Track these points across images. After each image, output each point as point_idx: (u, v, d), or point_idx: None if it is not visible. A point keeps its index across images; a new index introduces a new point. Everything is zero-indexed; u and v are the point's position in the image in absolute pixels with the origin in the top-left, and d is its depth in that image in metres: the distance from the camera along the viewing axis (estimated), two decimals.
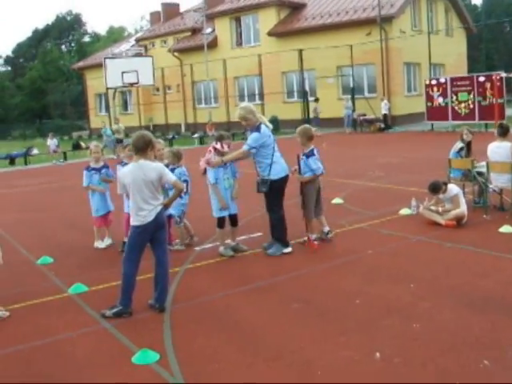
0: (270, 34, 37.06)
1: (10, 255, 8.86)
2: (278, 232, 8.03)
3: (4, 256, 6.90)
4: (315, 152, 8.31)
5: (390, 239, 8.44)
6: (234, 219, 8.12)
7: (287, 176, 7.94)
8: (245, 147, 7.81)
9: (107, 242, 9.09)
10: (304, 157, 8.26)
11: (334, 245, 8.31)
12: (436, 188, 9.01)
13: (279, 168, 7.84)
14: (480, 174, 9.74)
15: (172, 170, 8.45)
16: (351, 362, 4.64)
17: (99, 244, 9.05)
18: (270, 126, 8.00)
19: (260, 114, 8.00)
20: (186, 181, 8.57)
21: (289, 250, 7.98)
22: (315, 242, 8.18)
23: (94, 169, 9.17)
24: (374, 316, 5.57)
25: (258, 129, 7.79)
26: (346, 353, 4.80)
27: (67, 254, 8.86)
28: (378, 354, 4.69)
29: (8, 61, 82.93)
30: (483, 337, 4.95)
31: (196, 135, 33.90)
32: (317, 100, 32.21)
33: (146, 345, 5.09)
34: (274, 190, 7.84)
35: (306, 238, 8.31)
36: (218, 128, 32.89)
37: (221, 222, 8.00)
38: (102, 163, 9.29)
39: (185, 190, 8.52)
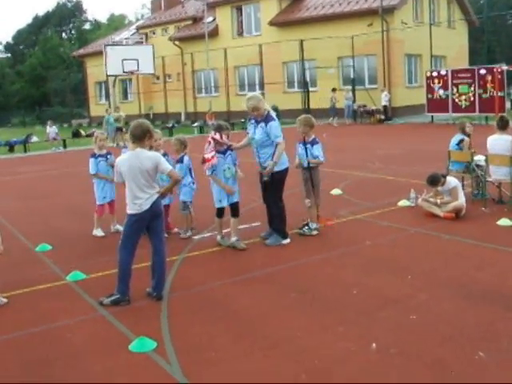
0: (271, 23, 36.92)
1: (9, 242, 8.85)
2: (278, 223, 8.04)
3: (3, 243, 6.91)
4: (318, 140, 8.35)
5: (389, 231, 8.44)
6: (235, 207, 7.94)
7: (288, 168, 7.93)
8: (279, 140, 7.69)
9: (116, 227, 9.01)
10: (308, 145, 8.26)
11: (333, 235, 8.32)
12: (435, 180, 9.01)
13: (283, 159, 7.84)
14: (478, 166, 9.74)
15: (181, 158, 8.49)
16: (348, 352, 4.66)
17: (98, 232, 9.05)
18: (274, 114, 7.93)
19: (262, 102, 7.91)
20: (190, 169, 8.64)
21: (287, 241, 7.99)
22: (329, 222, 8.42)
23: (100, 155, 9.14)
24: (371, 307, 5.58)
25: (271, 118, 7.75)
26: (343, 343, 4.81)
27: (66, 241, 8.87)
28: (374, 345, 4.71)
29: (8, 47, 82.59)
30: (480, 328, 4.97)
31: (196, 124, 33.86)
32: (334, 90, 32.01)
33: (143, 333, 5.10)
34: (275, 181, 7.86)
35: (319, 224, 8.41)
36: (218, 117, 32.92)
37: (220, 212, 7.99)
38: (105, 150, 9.26)
39: (191, 178, 8.57)
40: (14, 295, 6.44)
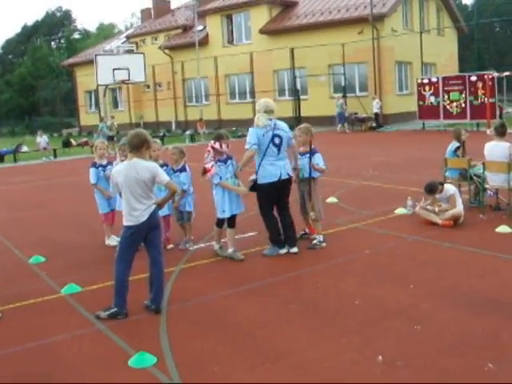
0: (261, 31, 36.92)
1: (1, 254, 8.75)
2: (270, 234, 7.92)
3: None
4: (317, 149, 8.30)
5: (387, 239, 8.36)
6: (233, 219, 7.83)
7: (275, 183, 7.65)
8: (246, 146, 7.67)
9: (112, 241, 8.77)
10: (308, 155, 8.15)
11: (331, 244, 8.21)
12: (432, 189, 8.95)
13: (265, 172, 7.64)
14: (476, 175, 9.71)
15: (184, 167, 8.35)
16: (353, 364, 4.56)
17: (111, 241, 8.79)
18: (265, 122, 7.63)
19: (261, 116, 7.70)
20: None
21: (284, 250, 7.83)
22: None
23: (101, 165, 8.97)
24: (374, 317, 5.49)
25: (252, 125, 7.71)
26: (347, 355, 4.71)
27: (59, 252, 8.73)
28: (380, 357, 4.61)
29: None
30: (485, 338, 4.89)
31: (187, 133, 33.75)
32: (344, 96, 32.01)
33: (142, 347, 4.98)
34: (258, 193, 7.79)
35: (316, 241, 8.20)
36: (209, 126, 32.87)
37: (221, 222, 7.86)
38: (106, 160, 9.09)
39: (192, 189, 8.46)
40: (7, 309, 6.30)
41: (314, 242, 8.18)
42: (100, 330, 5.60)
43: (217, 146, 7.59)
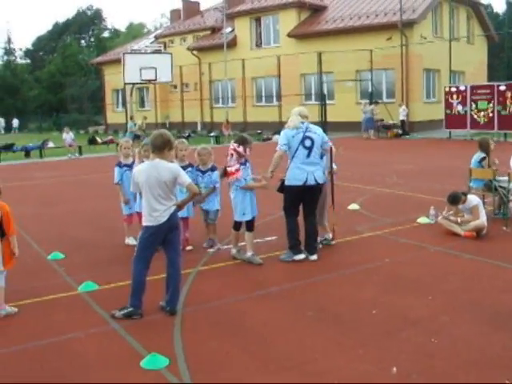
0: (289, 35, 36.89)
1: (21, 249, 8.70)
2: (288, 238, 7.82)
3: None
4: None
5: (408, 248, 8.25)
6: (251, 223, 7.78)
7: (299, 187, 7.59)
8: (276, 148, 7.71)
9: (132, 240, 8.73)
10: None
11: (351, 252, 8.14)
12: (455, 199, 8.81)
13: (292, 175, 7.61)
14: (501, 186, 9.54)
15: (214, 167, 8.38)
16: (367, 375, 4.48)
17: (130, 240, 8.74)
18: (296, 124, 7.65)
19: (294, 117, 7.72)
20: None
21: (300, 257, 7.71)
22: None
23: (125, 165, 8.87)
24: (391, 328, 5.40)
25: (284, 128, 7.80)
26: (362, 366, 4.64)
27: (78, 249, 8.76)
28: (394, 369, 4.53)
29: (28, 54, 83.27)
30: (505, 355, 4.77)
31: (212, 134, 33.82)
32: (376, 103, 31.91)
33: (155, 348, 4.95)
34: (285, 194, 7.79)
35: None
36: (235, 128, 32.90)
37: (238, 225, 7.83)
38: (131, 159, 8.93)
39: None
40: (24, 304, 6.33)
41: (323, 241, 8.31)
42: (114, 329, 5.59)
43: (240, 149, 7.54)
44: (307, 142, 7.57)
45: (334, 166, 8.36)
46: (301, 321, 5.67)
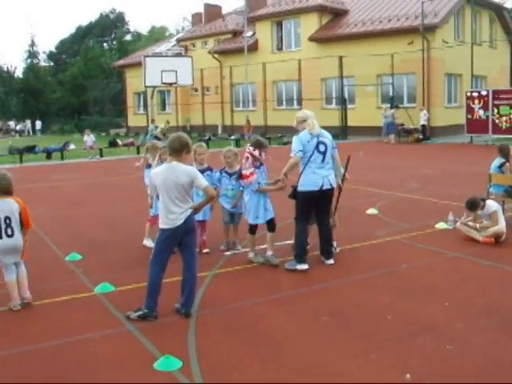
0: (310, 39, 36.86)
1: (40, 249, 8.88)
2: (295, 246, 7.65)
3: (33, 250, 6.88)
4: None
5: (425, 254, 8.20)
6: (271, 224, 7.81)
7: (315, 192, 7.46)
8: (291, 154, 7.53)
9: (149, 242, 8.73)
10: None
11: (368, 256, 8.11)
12: (474, 205, 8.74)
13: (307, 180, 7.46)
14: None
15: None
16: (379, 381, 4.46)
17: (148, 242, 8.76)
18: (317, 129, 7.57)
19: (313, 121, 7.62)
20: None
21: (303, 267, 7.45)
22: None
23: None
24: (405, 334, 5.37)
25: (297, 132, 7.64)
26: (374, 371, 4.61)
27: (96, 251, 8.82)
28: (408, 376, 4.50)
29: (51, 56, 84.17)
30: None
31: (233, 137, 33.88)
32: (397, 107, 31.85)
33: (169, 351, 4.97)
34: (298, 200, 7.61)
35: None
36: (255, 132, 32.90)
37: (253, 228, 7.84)
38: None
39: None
40: (41, 304, 6.40)
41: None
42: (129, 330, 5.62)
43: (256, 153, 7.55)
44: (321, 147, 7.51)
45: (343, 172, 8.25)
46: (315, 325, 5.66)
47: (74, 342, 5.36)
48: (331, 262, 7.72)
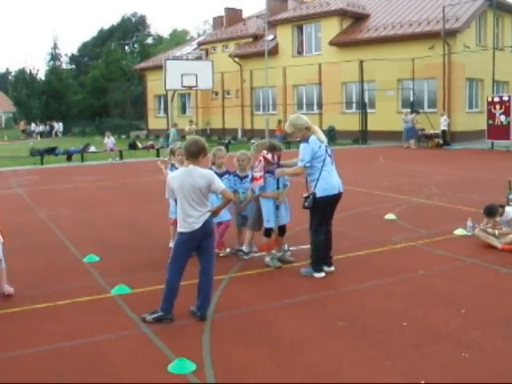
0: (331, 43, 36.84)
1: (58, 250, 8.96)
2: (313, 253, 7.50)
3: (51, 251, 6.93)
4: None
5: (443, 260, 8.13)
6: (282, 229, 7.91)
7: (337, 195, 7.36)
8: (300, 164, 7.27)
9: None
10: None
11: (384, 262, 8.06)
12: (492, 212, 8.66)
13: (327, 184, 7.27)
14: None
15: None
16: None
17: (172, 245, 8.77)
18: (323, 138, 7.49)
19: (317, 128, 7.53)
20: None
21: (320, 275, 7.39)
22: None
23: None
24: (421, 341, 5.32)
25: (305, 140, 7.31)
26: (388, 378, 4.58)
27: (114, 253, 8.86)
28: (423, 382, 4.46)
29: (73, 59, 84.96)
30: None
31: (252, 141, 33.87)
32: (417, 112, 31.72)
33: (183, 353, 4.98)
34: (318, 208, 7.28)
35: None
36: (274, 135, 32.92)
37: (268, 232, 7.84)
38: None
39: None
40: (58, 305, 6.44)
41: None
42: (144, 332, 5.64)
43: (269, 156, 7.54)
44: (329, 151, 7.44)
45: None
46: (330, 330, 5.63)
47: (89, 343, 5.39)
48: (333, 269, 7.60)
